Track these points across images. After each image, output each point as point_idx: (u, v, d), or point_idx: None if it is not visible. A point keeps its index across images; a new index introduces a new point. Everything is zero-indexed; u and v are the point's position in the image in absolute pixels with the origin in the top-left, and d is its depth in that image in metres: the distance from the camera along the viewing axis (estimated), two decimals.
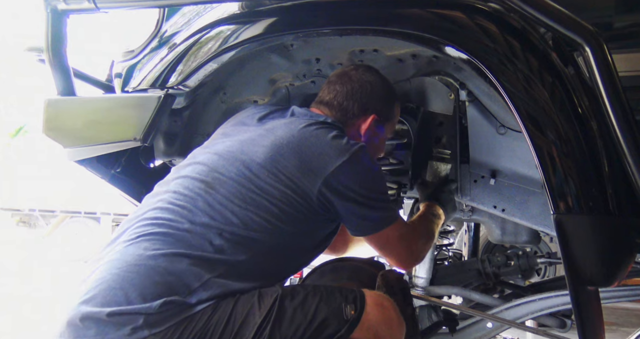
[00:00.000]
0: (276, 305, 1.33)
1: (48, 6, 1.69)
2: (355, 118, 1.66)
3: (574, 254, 1.29)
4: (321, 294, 1.38)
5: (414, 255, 1.63)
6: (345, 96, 1.66)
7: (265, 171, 1.43)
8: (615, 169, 1.28)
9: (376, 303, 1.40)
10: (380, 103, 1.68)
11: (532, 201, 1.89)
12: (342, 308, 1.36)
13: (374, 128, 1.68)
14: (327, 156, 1.44)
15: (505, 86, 1.34)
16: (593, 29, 1.25)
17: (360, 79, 1.67)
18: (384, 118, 1.70)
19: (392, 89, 1.73)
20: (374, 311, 1.38)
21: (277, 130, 1.52)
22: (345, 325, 1.34)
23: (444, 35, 1.43)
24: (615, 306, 4.47)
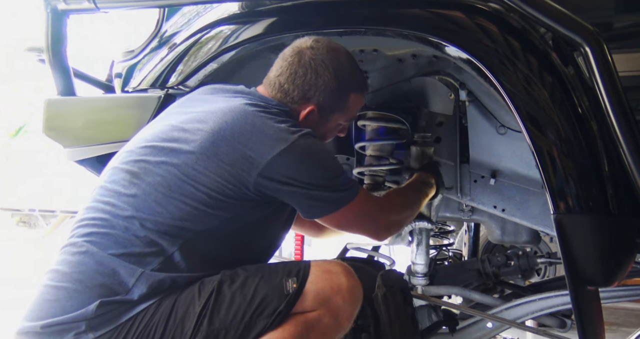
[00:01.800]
0: (214, 292, 1.29)
1: (48, 6, 1.69)
2: (295, 104, 1.52)
3: (574, 254, 1.29)
4: (262, 273, 1.34)
5: (384, 228, 1.53)
6: (287, 78, 1.51)
7: (195, 157, 1.34)
8: (615, 169, 1.28)
9: (323, 270, 1.35)
10: (325, 95, 1.52)
11: (532, 201, 1.89)
12: (283, 283, 1.31)
13: (316, 119, 1.55)
14: (263, 145, 1.34)
15: (505, 85, 1.34)
16: (593, 29, 1.25)
17: (309, 62, 1.50)
18: (330, 110, 1.55)
19: (347, 78, 1.54)
20: (318, 280, 1.33)
21: (215, 113, 1.41)
22: (284, 299, 1.29)
23: (444, 35, 1.43)
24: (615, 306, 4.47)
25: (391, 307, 1.54)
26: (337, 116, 1.58)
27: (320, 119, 1.55)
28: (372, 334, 1.57)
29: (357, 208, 1.45)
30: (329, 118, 1.57)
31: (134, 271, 1.29)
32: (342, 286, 1.33)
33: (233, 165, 1.33)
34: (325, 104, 1.53)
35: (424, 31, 1.46)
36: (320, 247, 6.16)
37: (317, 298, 1.31)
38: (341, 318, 1.33)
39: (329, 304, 1.31)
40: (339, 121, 1.61)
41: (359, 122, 2.03)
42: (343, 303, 1.32)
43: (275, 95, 1.52)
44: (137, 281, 1.28)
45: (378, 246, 2.35)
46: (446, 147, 1.98)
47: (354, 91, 1.57)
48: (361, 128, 2.07)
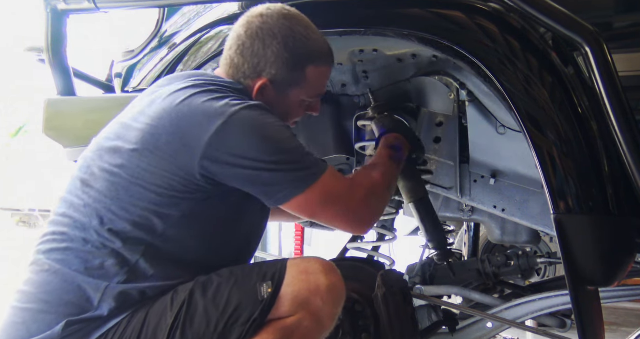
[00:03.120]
0: (186, 302, 1.21)
1: (48, 6, 1.69)
2: (248, 79, 1.40)
3: (574, 254, 1.29)
4: (236, 278, 1.24)
5: (362, 215, 1.36)
6: (235, 52, 1.39)
7: (138, 154, 1.25)
8: (615, 169, 1.28)
9: (300, 271, 1.25)
10: (277, 67, 1.38)
11: (532, 201, 1.89)
12: (257, 288, 1.21)
13: (272, 94, 1.41)
14: (200, 125, 1.23)
15: (505, 85, 1.34)
16: (593, 29, 1.25)
17: (257, 32, 1.37)
18: (285, 84, 1.41)
19: (301, 48, 1.39)
20: (295, 281, 1.23)
21: (155, 102, 1.30)
22: (259, 306, 1.20)
23: (444, 35, 1.43)
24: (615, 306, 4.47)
25: (391, 307, 1.54)
26: (295, 91, 1.43)
27: (277, 95, 1.42)
28: (372, 334, 1.57)
29: (324, 190, 1.28)
30: (287, 94, 1.43)
31: (98, 285, 1.22)
32: (321, 286, 1.24)
33: (175, 155, 1.23)
34: (278, 78, 1.39)
35: (424, 31, 1.46)
36: (321, 247, 6.17)
37: (295, 302, 1.22)
38: (323, 319, 1.25)
39: (308, 306, 1.23)
40: (301, 97, 1.46)
41: (359, 122, 2.03)
42: (323, 304, 1.23)
43: (228, 71, 1.42)
44: (104, 296, 1.21)
45: (378, 246, 2.35)
46: (446, 147, 1.98)
47: (312, 62, 1.42)
48: (361, 128, 2.07)
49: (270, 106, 1.37)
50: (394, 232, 2.29)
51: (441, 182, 1.99)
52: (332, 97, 2.09)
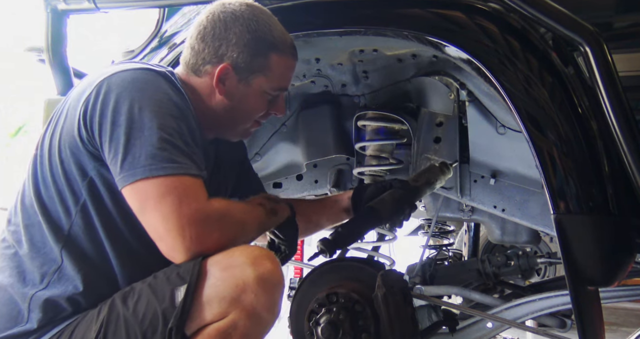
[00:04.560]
0: (107, 313, 1.13)
1: (48, 6, 1.69)
2: (208, 65, 1.35)
3: (574, 254, 1.29)
4: (155, 283, 1.14)
5: (188, 237, 1.11)
6: (196, 39, 1.36)
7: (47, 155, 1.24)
8: (615, 169, 1.28)
9: (222, 268, 1.12)
10: (239, 49, 1.33)
11: (532, 201, 1.89)
12: (173, 293, 1.10)
13: (234, 81, 1.36)
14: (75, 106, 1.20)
15: (505, 85, 1.34)
16: (593, 29, 1.25)
17: (218, 16, 1.35)
18: (248, 70, 1.36)
19: (264, 33, 1.36)
20: (218, 281, 1.11)
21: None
22: (173, 313, 1.09)
23: (444, 35, 1.43)
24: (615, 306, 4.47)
25: (391, 307, 1.54)
26: (259, 79, 1.38)
27: (238, 83, 1.37)
28: (372, 334, 1.57)
29: (158, 193, 1.12)
30: (250, 80, 1.37)
31: (25, 294, 1.17)
32: (248, 279, 1.11)
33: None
34: (240, 62, 1.35)
35: (424, 31, 1.46)
36: None
37: (224, 302, 1.10)
38: (260, 313, 1.13)
39: (240, 303, 1.10)
40: (264, 87, 1.40)
41: (359, 122, 2.03)
42: (256, 297, 1.11)
43: (188, 62, 1.38)
44: (31, 306, 1.16)
45: (378, 246, 2.35)
46: (446, 147, 1.98)
47: (276, 50, 1.38)
48: (361, 128, 2.07)
49: (232, 95, 1.36)
50: (394, 232, 2.29)
51: None
52: (332, 97, 2.09)
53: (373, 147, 2.05)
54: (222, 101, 1.39)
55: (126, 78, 1.19)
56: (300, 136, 2.16)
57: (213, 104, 1.39)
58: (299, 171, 2.24)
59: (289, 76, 1.46)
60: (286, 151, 2.21)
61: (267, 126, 2.16)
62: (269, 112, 1.48)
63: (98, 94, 1.17)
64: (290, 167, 2.24)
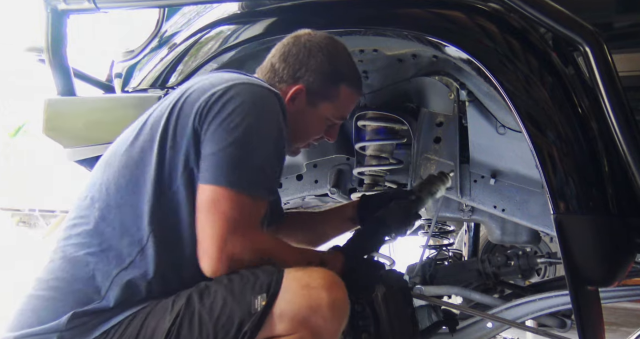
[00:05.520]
0: (184, 306, 1.17)
1: (48, 6, 1.69)
2: (284, 84, 1.45)
3: (574, 254, 1.29)
4: (232, 287, 1.18)
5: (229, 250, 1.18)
6: (279, 58, 1.47)
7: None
8: (615, 169, 1.28)
9: (301, 286, 1.17)
10: (315, 76, 1.44)
11: (532, 201, 1.89)
12: (251, 299, 1.15)
13: (303, 102, 1.46)
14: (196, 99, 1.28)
15: (505, 85, 1.34)
16: (593, 29, 1.25)
17: (304, 43, 1.46)
18: (319, 95, 1.46)
19: (341, 66, 1.48)
20: (295, 297, 1.15)
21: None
22: (250, 319, 1.13)
23: (444, 35, 1.43)
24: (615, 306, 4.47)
25: (391, 307, 1.54)
26: (326, 105, 1.48)
27: (307, 104, 1.47)
28: (372, 334, 1.57)
29: (228, 203, 1.19)
30: (317, 105, 1.47)
31: (109, 271, 1.20)
32: (322, 302, 1.16)
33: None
34: (314, 87, 1.45)
35: (423, 31, 1.46)
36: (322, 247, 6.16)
37: (295, 319, 1.15)
38: (325, 337, 1.17)
39: (309, 324, 1.15)
40: (328, 114, 1.50)
41: (359, 122, 2.03)
42: (324, 322, 1.16)
43: (265, 75, 1.48)
44: (112, 284, 1.19)
45: None
46: (446, 147, 1.98)
47: (347, 82, 1.49)
48: (361, 128, 2.07)
49: (297, 115, 1.44)
50: None
51: None
52: None
53: (373, 147, 2.05)
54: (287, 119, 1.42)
55: (254, 91, 1.28)
56: None
57: None
58: (299, 170, 2.24)
59: (351, 107, 1.56)
60: None
61: None
62: (322, 137, 1.57)
63: (224, 94, 1.24)
64: (290, 167, 2.24)
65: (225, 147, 1.20)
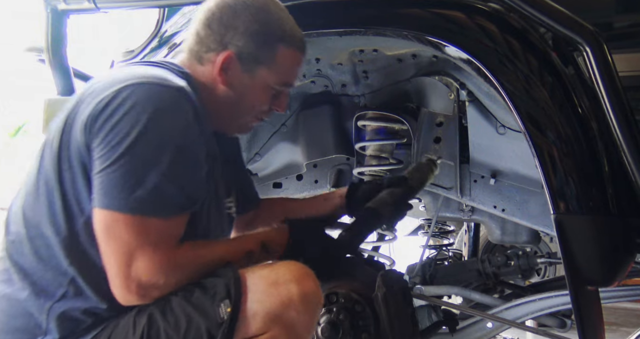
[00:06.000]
0: (147, 327, 1.09)
1: (48, 6, 1.69)
2: (212, 52, 1.29)
3: (574, 254, 1.29)
4: (193, 298, 1.11)
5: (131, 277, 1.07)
6: (202, 25, 1.30)
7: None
8: (615, 169, 1.28)
9: (270, 284, 1.12)
10: (245, 38, 1.27)
11: (532, 201, 1.89)
12: (215, 309, 1.08)
13: (237, 70, 1.29)
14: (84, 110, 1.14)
15: (505, 86, 1.34)
16: (593, 29, 1.25)
17: (228, 3, 1.29)
18: (253, 60, 1.29)
19: (273, 24, 1.31)
20: (265, 297, 1.11)
21: None
22: (219, 330, 1.07)
23: (444, 35, 1.43)
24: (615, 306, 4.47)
25: (391, 307, 1.54)
26: (263, 71, 1.31)
27: (243, 72, 1.30)
28: (372, 334, 1.57)
29: (123, 228, 1.06)
30: (254, 71, 1.31)
31: (41, 306, 1.11)
32: (294, 297, 1.12)
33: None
34: (246, 51, 1.28)
35: (424, 31, 1.46)
36: None
37: (267, 318, 1.10)
38: (299, 331, 1.13)
39: (282, 320, 1.11)
40: (268, 80, 1.33)
41: (359, 122, 2.03)
42: (298, 315, 1.12)
43: (190, 49, 1.32)
44: (49, 317, 1.11)
45: (378, 246, 2.35)
46: (446, 147, 1.98)
47: (284, 42, 1.32)
48: (361, 128, 2.07)
49: (235, 86, 1.30)
50: (394, 232, 2.29)
51: (441, 182, 1.99)
52: (332, 97, 2.09)
53: (373, 147, 2.05)
54: (224, 92, 1.32)
55: (148, 92, 1.11)
56: (300, 136, 2.16)
57: (215, 95, 1.32)
58: (299, 171, 2.24)
59: (295, 71, 1.39)
60: (286, 151, 2.21)
61: (267, 126, 2.16)
62: (271, 108, 1.41)
63: (111, 101, 1.10)
64: (290, 167, 2.24)
65: (112, 165, 1.07)
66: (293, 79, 1.39)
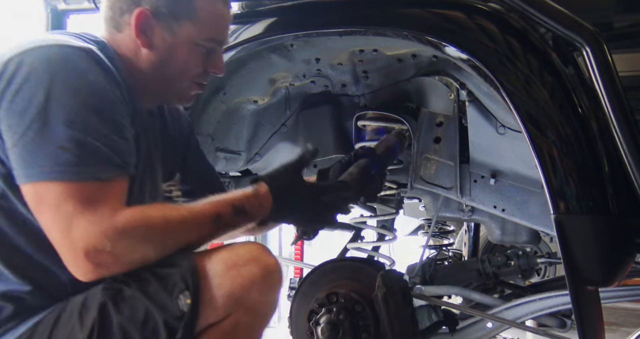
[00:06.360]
0: (97, 319, 1.00)
1: (48, 6, 1.69)
2: (127, 14, 1.18)
3: (574, 254, 1.29)
4: (149, 290, 1.03)
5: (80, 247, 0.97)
6: None
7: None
8: (615, 169, 1.28)
9: (229, 267, 1.07)
10: None
11: (532, 201, 1.89)
12: (174, 301, 1.02)
13: (156, 29, 1.19)
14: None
15: (505, 85, 1.34)
16: (593, 29, 1.25)
17: None
18: (172, 15, 1.19)
19: None
20: (225, 281, 1.06)
21: None
22: (181, 323, 1.01)
23: (444, 35, 1.43)
24: (615, 306, 4.47)
25: (391, 307, 1.54)
26: (186, 26, 1.21)
27: (164, 31, 1.20)
28: (372, 334, 1.57)
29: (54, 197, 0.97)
30: (175, 28, 1.20)
31: None
32: (255, 277, 1.07)
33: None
34: (161, 6, 1.18)
35: (424, 31, 1.46)
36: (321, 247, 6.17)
37: (229, 302, 1.06)
38: (262, 309, 1.11)
39: (245, 302, 1.07)
40: (193, 37, 1.22)
41: (359, 122, 2.03)
42: (260, 295, 1.08)
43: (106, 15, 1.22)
44: None
45: (378, 246, 2.35)
46: (446, 147, 1.98)
47: None
48: (361, 128, 2.07)
49: (157, 48, 1.20)
50: (394, 232, 2.29)
51: (441, 182, 1.99)
52: (332, 97, 2.09)
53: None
54: (148, 57, 1.21)
55: (39, 58, 1.02)
56: (300, 136, 2.16)
57: (141, 63, 1.22)
58: None
59: (221, 25, 1.28)
60: (286, 150, 2.21)
61: (267, 125, 2.16)
62: (207, 71, 1.30)
63: (6, 69, 1.01)
64: None
65: (25, 135, 0.98)
66: (221, 35, 1.29)
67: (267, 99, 2.05)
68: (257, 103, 2.06)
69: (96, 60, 1.07)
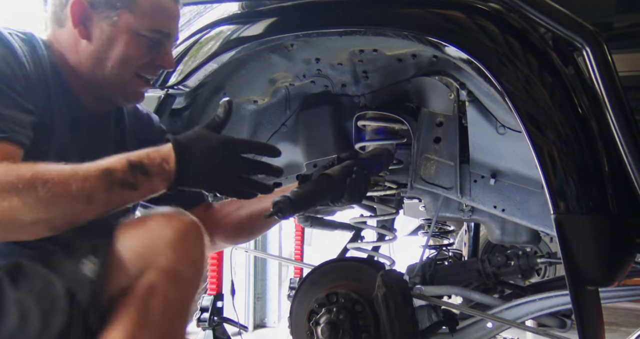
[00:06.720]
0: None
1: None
2: (66, 8, 1.19)
3: (574, 254, 1.29)
4: (52, 260, 1.00)
5: None
6: None
7: None
8: (615, 169, 1.28)
9: (139, 228, 1.04)
10: None
11: (532, 201, 1.89)
12: (77, 266, 0.97)
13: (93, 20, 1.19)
14: None
15: (505, 86, 1.34)
16: (593, 29, 1.25)
17: None
18: (109, 4, 1.18)
19: None
20: (130, 242, 1.01)
21: None
22: (83, 287, 0.96)
23: (444, 35, 1.43)
24: (615, 306, 4.47)
25: (391, 307, 1.54)
26: (125, 16, 1.19)
27: (104, 21, 1.18)
28: (372, 334, 1.57)
29: None
30: (115, 19, 1.18)
31: None
32: (167, 235, 1.01)
33: None
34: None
35: (424, 31, 1.46)
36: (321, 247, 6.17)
37: (138, 262, 1.00)
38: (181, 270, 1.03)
39: (157, 261, 1.01)
40: (132, 26, 1.20)
41: (359, 122, 2.03)
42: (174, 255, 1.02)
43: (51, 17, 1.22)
44: None
45: (378, 246, 2.35)
46: (446, 147, 1.98)
47: None
48: (361, 128, 2.07)
49: (96, 39, 1.19)
50: (394, 232, 2.29)
51: (441, 182, 1.99)
52: (332, 97, 2.09)
53: (373, 147, 2.05)
54: (87, 48, 1.19)
55: None
56: (300, 136, 2.16)
57: (81, 56, 1.21)
58: (299, 171, 2.24)
59: (164, 16, 1.25)
60: (286, 151, 2.21)
61: (267, 125, 2.16)
62: (155, 64, 1.27)
63: None
64: (290, 167, 2.24)
65: None
66: (166, 25, 1.26)
67: (267, 99, 2.05)
68: (257, 103, 2.06)
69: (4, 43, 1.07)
